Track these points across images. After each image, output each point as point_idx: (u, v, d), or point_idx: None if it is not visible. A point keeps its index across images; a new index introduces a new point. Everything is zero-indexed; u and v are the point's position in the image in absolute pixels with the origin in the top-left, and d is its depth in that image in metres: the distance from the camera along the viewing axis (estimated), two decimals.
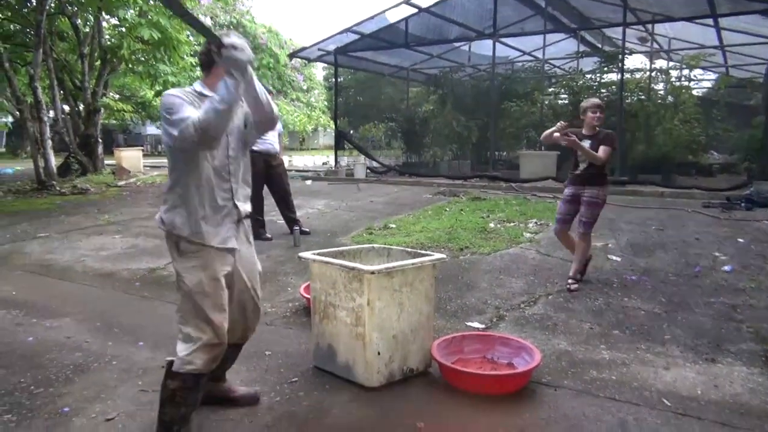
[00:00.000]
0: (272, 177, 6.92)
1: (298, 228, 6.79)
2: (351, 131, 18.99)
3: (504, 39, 15.40)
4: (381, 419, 2.71)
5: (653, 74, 14.72)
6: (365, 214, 8.97)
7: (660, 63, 16.45)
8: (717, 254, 6.04)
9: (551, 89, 16.85)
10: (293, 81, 38.27)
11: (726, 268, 5.41)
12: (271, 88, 7.05)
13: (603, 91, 14.24)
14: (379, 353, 2.93)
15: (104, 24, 15.00)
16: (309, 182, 14.77)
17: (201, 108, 2.19)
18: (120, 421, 2.64)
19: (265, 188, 6.98)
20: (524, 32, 15.22)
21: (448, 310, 4.26)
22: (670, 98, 13.98)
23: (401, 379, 3.05)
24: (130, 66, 14.77)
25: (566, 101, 15.79)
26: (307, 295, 3.77)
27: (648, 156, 13.06)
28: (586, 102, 4.83)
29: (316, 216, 8.88)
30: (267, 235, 6.81)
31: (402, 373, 3.06)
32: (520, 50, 17.46)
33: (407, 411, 2.77)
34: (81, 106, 15.00)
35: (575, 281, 4.80)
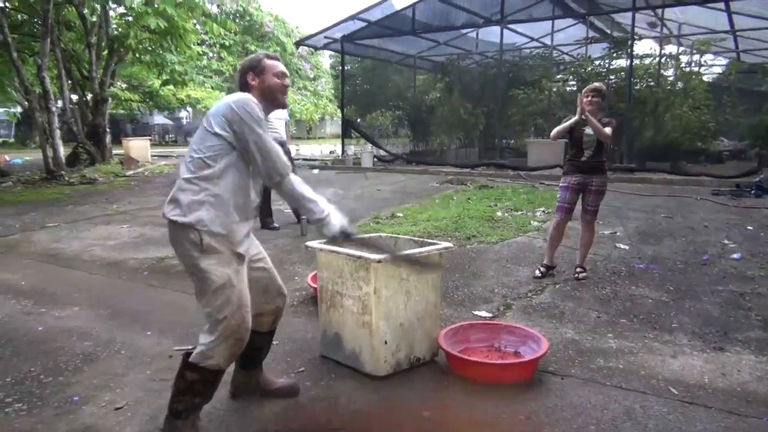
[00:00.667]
0: None
1: (305, 217, 6.78)
2: (358, 120, 18.95)
3: (511, 25, 15.25)
4: (388, 408, 2.72)
5: (663, 60, 14.54)
6: (372, 203, 8.97)
7: (670, 48, 16.21)
8: (726, 242, 5.99)
9: (559, 76, 16.69)
10: (300, 69, 38.23)
11: (735, 256, 5.37)
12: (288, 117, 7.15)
13: (612, 78, 14.10)
14: (386, 342, 2.94)
15: (111, 13, 14.98)
16: (316, 171, 14.77)
17: (303, 193, 2.50)
18: (129, 409, 2.66)
19: None
20: (532, 18, 15.04)
21: (455, 299, 4.26)
22: (680, 84, 13.82)
23: (408, 369, 3.05)
24: (137, 55, 14.77)
25: (574, 88, 15.64)
26: (314, 285, 3.78)
27: (656, 143, 12.94)
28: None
29: None
30: (274, 225, 6.82)
31: (409, 362, 3.06)
32: (528, 37, 17.28)
33: (414, 400, 2.78)
34: (89, 96, 15.01)
35: (583, 269, 4.79)
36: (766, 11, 12.01)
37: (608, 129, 4.54)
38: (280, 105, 2.56)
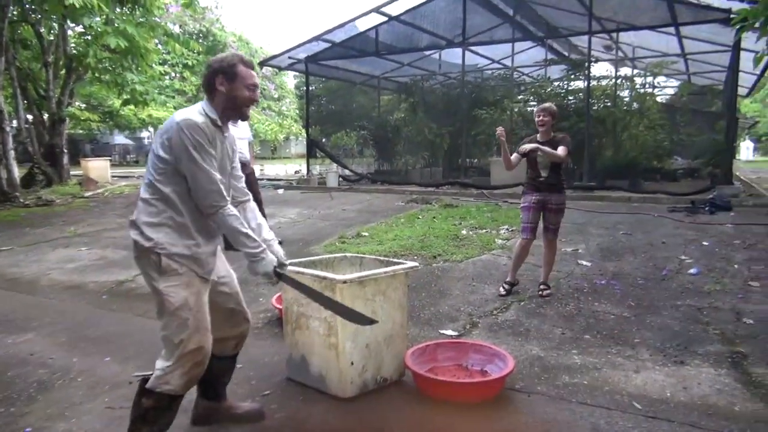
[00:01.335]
0: None
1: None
2: (323, 139, 18.95)
3: (473, 47, 15.57)
4: (354, 430, 2.69)
5: (618, 81, 15.05)
6: (338, 223, 8.94)
7: (625, 70, 16.85)
8: (683, 257, 6.17)
9: (520, 96, 17.09)
10: (264, 89, 38.08)
11: (692, 271, 5.53)
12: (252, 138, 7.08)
13: (571, 98, 14.50)
14: (353, 363, 2.91)
15: (69, 32, 14.70)
16: (281, 191, 14.67)
17: (238, 227, 2.29)
18: None
19: None
20: (493, 41, 15.39)
21: (422, 318, 4.26)
22: (635, 105, 14.31)
23: (375, 389, 3.03)
24: (97, 75, 14.48)
25: (535, 108, 16.01)
26: (280, 306, 3.73)
27: (615, 161, 13.32)
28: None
29: (289, 225, 8.81)
30: None
31: (376, 383, 3.04)
32: (490, 58, 17.66)
33: (381, 421, 2.76)
34: (45, 116, 14.64)
35: (547, 287, 4.85)
36: (714, 36, 12.56)
37: (561, 149, 4.64)
38: (243, 117, 2.43)
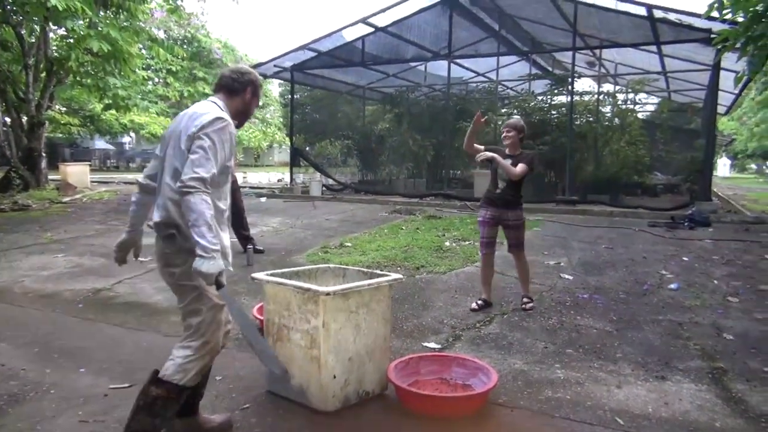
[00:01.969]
0: None
1: (252, 246, 6.66)
2: (307, 148, 18.90)
3: (459, 60, 15.70)
4: None
5: (601, 97, 15.26)
6: (321, 232, 8.89)
7: (607, 87, 17.12)
8: (663, 272, 6.22)
9: (504, 110, 17.22)
10: None
11: (672, 286, 5.58)
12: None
13: (554, 113, 14.65)
14: (335, 376, 2.87)
15: (51, 35, 14.51)
16: (263, 199, 14.57)
17: (204, 208, 2.18)
18: None
19: None
20: (478, 54, 15.57)
21: (405, 330, 4.23)
22: (617, 121, 14.51)
23: (357, 403, 2.98)
24: (78, 78, 14.30)
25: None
26: (261, 317, 3.66)
27: (597, 176, 13.48)
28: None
29: (271, 234, 8.74)
30: None
31: (358, 397, 3.00)
32: (474, 71, 17.82)
33: None
34: (24, 119, 14.40)
35: (530, 299, 4.85)
36: (695, 55, 12.81)
37: (520, 166, 4.62)
38: (239, 126, 2.62)
